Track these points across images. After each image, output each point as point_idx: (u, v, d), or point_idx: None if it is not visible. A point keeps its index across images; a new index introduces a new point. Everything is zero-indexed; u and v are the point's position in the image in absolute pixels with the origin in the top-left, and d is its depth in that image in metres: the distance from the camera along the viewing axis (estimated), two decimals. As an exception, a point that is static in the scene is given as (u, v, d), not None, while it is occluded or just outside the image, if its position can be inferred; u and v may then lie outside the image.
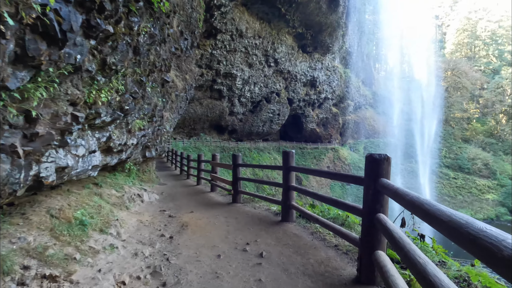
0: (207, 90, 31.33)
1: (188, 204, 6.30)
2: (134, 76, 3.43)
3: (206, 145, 34.50)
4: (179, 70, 10.51)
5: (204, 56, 26.78)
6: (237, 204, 6.11)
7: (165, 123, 8.37)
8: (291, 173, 4.29)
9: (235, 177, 6.08)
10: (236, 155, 6.24)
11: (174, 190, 8.70)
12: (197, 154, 9.32)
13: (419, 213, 1.31)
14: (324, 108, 46.48)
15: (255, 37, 30.00)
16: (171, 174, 13.30)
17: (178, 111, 10.76)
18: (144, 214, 4.98)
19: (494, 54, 72.30)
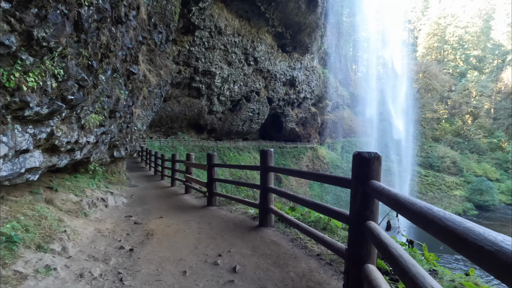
0: (185, 88, 30.39)
1: (159, 208, 5.78)
2: (80, 59, 2.87)
3: (184, 144, 33.49)
4: (152, 65, 9.85)
5: (181, 52, 25.89)
6: (212, 207, 5.69)
7: (136, 121, 7.74)
8: (269, 173, 3.93)
9: (210, 178, 5.59)
10: (211, 154, 5.76)
11: (146, 192, 8.07)
12: (171, 154, 8.72)
13: (440, 233, 0.96)
14: (303, 107, 46.85)
15: (235, 35, 29.50)
16: (144, 175, 12.53)
17: (152, 108, 10.11)
18: (105, 222, 4.41)
19: (461, 58, 76.67)
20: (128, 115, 6.81)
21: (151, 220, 4.70)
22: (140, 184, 9.89)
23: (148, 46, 9.55)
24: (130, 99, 6.55)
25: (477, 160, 64.36)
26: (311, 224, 3.85)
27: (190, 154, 7.24)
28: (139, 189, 8.69)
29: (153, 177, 11.81)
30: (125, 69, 5.03)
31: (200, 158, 32.74)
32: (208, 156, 5.75)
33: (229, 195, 5.39)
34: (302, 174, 3.12)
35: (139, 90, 7.42)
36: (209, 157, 5.72)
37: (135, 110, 7.10)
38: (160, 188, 8.88)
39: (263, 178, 3.94)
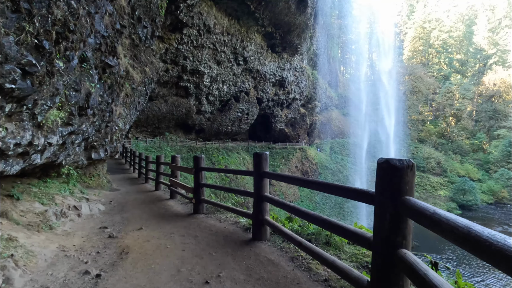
0: (172, 87, 29.53)
1: (139, 217, 5.21)
2: (23, 36, 2.27)
3: (171, 145, 32.57)
4: (137, 61, 9.20)
5: (169, 50, 25.07)
6: (199, 215, 5.15)
7: (117, 120, 7.09)
8: (264, 180, 3.44)
9: (198, 183, 5.03)
10: (198, 157, 5.14)
11: (127, 197, 7.44)
12: (156, 156, 8.09)
13: None
14: (292, 108, 46.71)
15: (224, 34, 28.92)
16: (128, 178, 11.80)
17: (136, 107, 9.44)
18: (74, 236, 3.80)
19: (445, 62, 78.79)
20: (106, 113, 6.18)
21: (128, 232, 4.11)
22: (122, 187, 9.21)
23: (132, 40, 8.90)
24: (108, 95, 5.93)
25: (460, 161, 66.20)
26: (310, 237, 3.40)
27: (176, 156, 6.67)
28: (120, 193, 8.04)
29: (137, 180, 11.13)
30: (100, 60, 4.43)
31: (188, 158, 31.91)
32: (195, 159, 5.18)
33: (218, 203, 4.80)
34: (308, 183, 2.63)
35: (120, 86, 6.78)
36: (196, 160, 5.14)
37: (116, 108, 6.47)
38: (143, 193, 8.24)
39: (257, 185, 3.46)
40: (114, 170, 13.14)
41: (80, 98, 3.74)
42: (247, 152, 43.26)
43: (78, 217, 4.82)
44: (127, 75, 7.56)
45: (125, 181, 10.66)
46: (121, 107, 6.94)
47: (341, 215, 43.99)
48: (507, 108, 67.47)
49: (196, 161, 5.19)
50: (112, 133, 6.63)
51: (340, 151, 59.26)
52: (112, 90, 6.09)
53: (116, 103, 6.86)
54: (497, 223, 42.85)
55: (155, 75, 10.48)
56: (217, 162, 35.92)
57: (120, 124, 7.03)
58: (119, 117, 6.83)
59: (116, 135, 6.98)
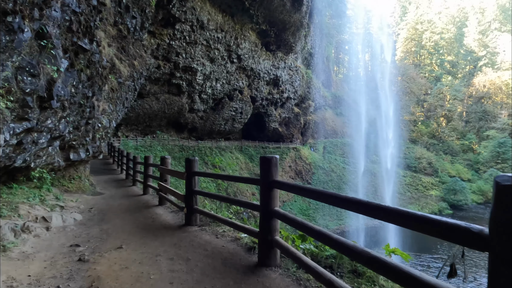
0: (164, 84, 28.53)
1: (122, 229, 4.46)
2: None
3: (163, 144, 31.57)
4: (124, 54, 8.37)
5: (161, 46, 24.10)
6: (191, 227, 4.39)
7: (101, 116, 6.28)
8: (274, 191, 2.75)
9: (190, 190, 4.30)
10: (191, 159, 4.34)
11: (111, 203, 6.65)
12: (144, 156, 7.25)
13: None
14: (286, 107, 46.18)
15: (218, 30, 28.08)
16: (114, 179, 10.92)
17: (123, 103, 8.62)
18: (33, 260, 3.00)
19: (437, 63, 79.68)
20: (86, 109, 5.37)
21: (104, 253, 3.30)
22: (106, 191, 8.37)
23: (119, 31, 8.08)
24: (88, 88, 5.13)
25: (451, 161, 67.06)
26: (331, 261, 2.72)
27: (166, 158, 5.83)
28: (104, 198, 7.23)
29: (124, 182, 10.29)
30: (71, 42, 3.65)
31: (180, 158, 30.96)
32: (188, 162, 4.39)
33: (215, 215, 3.99)
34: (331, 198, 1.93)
35: (103, 79, 5.97)
36: (189, 163, 4.35)
37: (99, 104, 5.69)
38: (130, 197, 7.44)
39: (266, 197, 2.75)
40: (101, 171, 12.22)
41: (38, 85, 2.95)
42: (240, 152, 42.55)
43: (47, 231, 4.02)
44: (113, 67, 6.75)
45: (111, 184, 9.81)
46: (106, 103, 6.15)
47: (334, 215, 43.77)
48: (496, 109, 68.67)
49: (189, 164, 4.38)
50: (94, 131, 5.84)
51: (333, 151, 59.17)
52: (92, 82, 5.28)
53: (99, 98, 6.05)
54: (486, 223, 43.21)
55: (145, 70, 9.66)
56: (210, 161, 35.04)
57: (104, 121, 6.23)
58: (103, 114, 6.05)
59: (100, 133, 6.18)
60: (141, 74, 9.17)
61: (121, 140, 25.90)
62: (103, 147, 6.84)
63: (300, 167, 47.51)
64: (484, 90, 71.05)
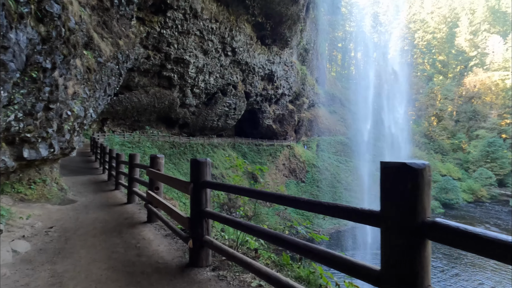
0: (154, 77, 26.97)
1: (86, 275, 2.93)
2: None
3: (152, 140, 30.00)
4: (107, 30, 7.07)
5: (151, 34, 22.54)
6: (201, 272, 2.82)
7: (71, 102, 4.98)
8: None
9: (199, 211, 2.76)
10: (200, 162, 2.80)
11: (82, 217, 5.18)
12: (129, 154, 5.96)
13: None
14: (280, 104, 45.19)
15: (212, 21, 26.67)
16: (94, 181, 9.36)
17: (105, 89, 7.31)
18: None
19: (429, 62, 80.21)
20: (45, 87, 4.08)
21: None
22: (81, 197, 6.85)
23: (100, 1, 6.74)
24: (45, 56, 3.86)
25: (441, 160, 67.77)
26: None
27: (157, 158, 4.40)
28: (75, 209, 5.72)
29: (105, 185, 8.73)
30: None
31: (171, 155, 29.51)
32: (195, 166, 2.82)
33: (240, 256, 2.38)
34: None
35: (70, 48, 4.68)
36: (197, 167, 2.78)
37: (66, 83, 4.43)
38: (109, 207, 5.92)
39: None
40: (79, 170, 10.68)
41: None
42: (233, 149, 41.37)
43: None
44: (90, 42, 5.45)
45: (89, 187, 8.30)
46: (79, 85, 4.90)
47: (328, 214, 43.12)
48: (486, 109, 69.66)
49: (197, 169, 2.78)
50: (61, 120, 4.56)
51: (327, 149, 58.67)
52: (51, 47, 3.98)
53: (66, 75, 4.73)
54: (478, 222, 43.67)
55: (132, 53, 8.35)
56: (202, 159, 33.69)
57: (76, 108, 4.94)
58: (74, 98, 4.78)
59: (69, 124, 4.87)
60: (127, 57, 7.87)
61: (107, 135, 24.20)
62: (76, 142, 5.47)
63: (294, 165, 46.72)
64: (474, 90, 71.97)
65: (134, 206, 6.11)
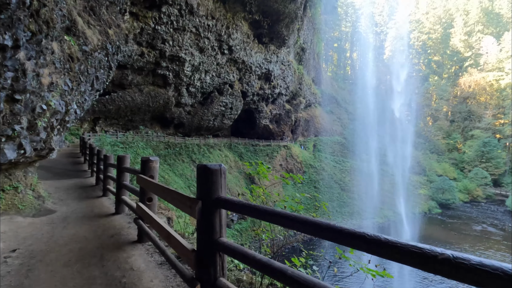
0: (148, 75, 26.09)
1: None
2: None
3: (147, 140, 29.07)
4: (95, 17, 6.31)
5: (145, 30, 21.68)
6: None
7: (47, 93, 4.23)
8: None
9: (210, 239, 1.93)
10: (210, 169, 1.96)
11: (57, 235, 4.20)
12: (117, 156, 5.01)
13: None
14: (277, 104, 44.58)
15: (208, 17, 25.91)
16: (81, 186, 8.37)
17: (92, 83, 6.53)
18: None
19: (424, 63, 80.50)
20: (5, 71, 3.33)
21: None
22: (61, 206, 5.90)
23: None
24: (7, 34, 3.12)
25: (437, 160, 67.97)
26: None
27: (150, 161, 3.53)
28: (51, 222, 4.77)
29: (92, 190, 7.80)
30: None
31: (166, 156, 28.64)
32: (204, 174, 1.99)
33: None
34: None
35: (41, 25, 3.93)
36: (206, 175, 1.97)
37: (37, 70, 3.69)
38: (93, 220, 4.99)
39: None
40: (66, 173, 9.76)
41: None
42: (229, 149, 40.61)
43: None
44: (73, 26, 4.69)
45: (74, 192, 7.37)
46: (58, 74, 4.16)
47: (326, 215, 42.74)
48: (481, 109, 70.13)
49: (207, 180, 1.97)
50: (34, 115, 3.81)
51: (323, 149, 58.26)
52: (11, 20, 3.24)
53: (38, 59, 3.97)
54: (475, 222, 43.66)
55: (123, 44, 7.59)
56: (198, 160, 32.86)
57: (53, 102, 4.17)
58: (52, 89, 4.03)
59: (44, 120, 4.09)
60: (118, 49, 7.11)
61: (98, 135, 23.19)
62: (55, 143, 4.70)
63: (291, 165, 46.16)
64: (469, 91, 72.41)
65: (122, 217, 5.18)
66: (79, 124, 24.89)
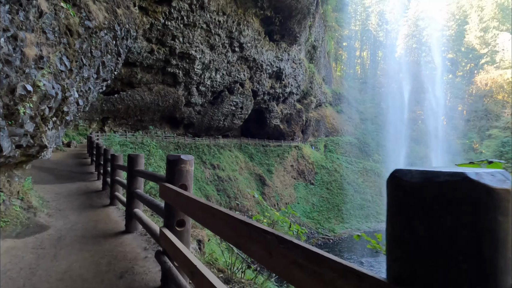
0: (158, 73, 25.24)
1: None
2: None
3: (156, 140, 28.22)
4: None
5: (155, 26, 20.80)
6: None
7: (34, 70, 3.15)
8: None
9: None
10: None
11: (43, 268, 2.87)
12: (128, 155, 3.66)
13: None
14: (288, 103, 43.35)
15: (219, 13, 24.93)
16: (85, 191, 7.01)
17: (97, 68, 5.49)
18: None
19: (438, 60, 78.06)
20: None
21: None
22: (58, 219, 4.63)
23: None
24: None
25: (452, 161, 65.60)
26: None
27: (181, 161, 2.29)
28: (38, 246, 3.52)
29: (98, 197, 6.44)
30: None
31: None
32: None
33: None
34: None
35: None
36: None
37: (23, 37, 2.65)
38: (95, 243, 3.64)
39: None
40: (71, 175, 8.69)
41: None
42: (240, 150, 39.56)
43: None
44: None
45: (76, 200, 6.04)
46: (50, 47, 3.14)
47: (340, 218, 41.33)
48: (498, 108, 67.48)
49: None
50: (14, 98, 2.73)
51: (335, 150, 56.74)
52: None
53: (19, 20, 2.91)
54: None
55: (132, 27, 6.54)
56: (209, 160, 31.86)
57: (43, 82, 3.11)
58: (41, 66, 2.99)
59: (29, 106, 3.00)
60: (127, 33, 6.09)
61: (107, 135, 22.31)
62: (49, 138, 3.61)
63: (303, 166, 44.85)
64: (486, 89, 69.87)
65: (135, 239, 3.77)
66: (88, 124, 24.20)
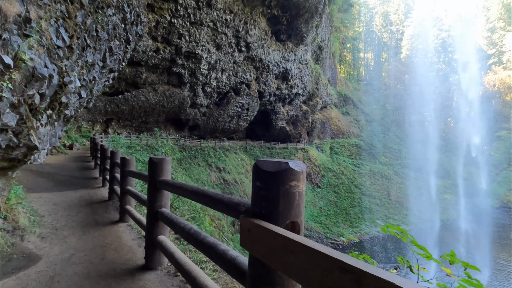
0: (163, 73, 24.47)
1: None
2: None
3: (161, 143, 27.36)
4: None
5: (160, 24, 20.04)
6: None
7: (17, 37, 2.25)
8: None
9: None
10: None
11: None
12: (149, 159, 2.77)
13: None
14: (294, 104, 42.45)
15: (226, 11, 24.17)
16: (90, 201, 5.97)
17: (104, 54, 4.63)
18: None
19: (444, 61, 77.02)
20: None
21: None
22: (53, 243, 3.63)
23: None
24: None
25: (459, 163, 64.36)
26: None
27: (291, 170, 0.99)
28: None
29: (105, 210, 5.35)
30: None
31: (181, 160, 26.90)
32: None
33: None
34: None
35: None
36: None
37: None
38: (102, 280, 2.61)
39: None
40: (72, 181, 7.68)
41: None
42: (245, 152, 38.68)
43: None
44: None
45: (77, 214, 4.95)
46: (41, 9, 2.29)
47: (348, 222, 40.20)
48: (507, 109, 66.25)
49: None
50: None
51: (340, 152, 55.70)
52: None
53: None
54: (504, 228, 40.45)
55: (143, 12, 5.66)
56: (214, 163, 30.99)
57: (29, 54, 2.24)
58: (25, 28, 2.15)
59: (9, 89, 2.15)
60: (137, 18, 5.25)
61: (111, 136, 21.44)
62: (38, 137, 2.65)
63: (309, 169, 43.84)
64: (494, 90, 68.72)
65: (162, 281, 2.59)
66: (91, 126, 23.43)
